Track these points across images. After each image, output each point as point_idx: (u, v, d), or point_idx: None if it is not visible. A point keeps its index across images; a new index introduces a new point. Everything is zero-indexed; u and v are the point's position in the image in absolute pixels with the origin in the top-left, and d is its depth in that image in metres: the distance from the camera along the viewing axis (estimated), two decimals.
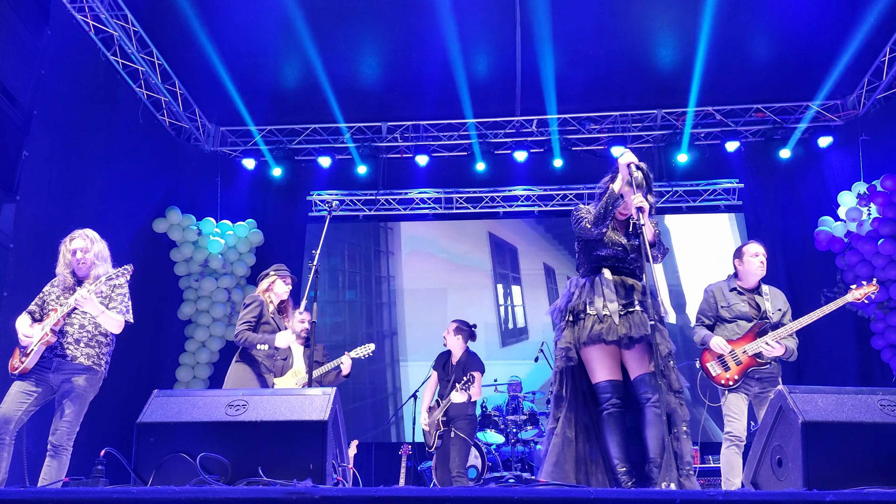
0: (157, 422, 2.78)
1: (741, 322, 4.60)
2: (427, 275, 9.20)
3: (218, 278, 8.28)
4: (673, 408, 3.39)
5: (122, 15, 6.86)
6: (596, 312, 3.53)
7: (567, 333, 3.61)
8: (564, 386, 3.61)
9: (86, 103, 6.61)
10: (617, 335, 3.46)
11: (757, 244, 4.77)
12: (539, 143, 8.78)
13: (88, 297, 4.15)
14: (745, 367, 4.49)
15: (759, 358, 4.47)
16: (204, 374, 8.20)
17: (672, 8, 6.90)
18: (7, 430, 4.03)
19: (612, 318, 3.49)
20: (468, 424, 5.78)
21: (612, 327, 3.48)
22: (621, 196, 3.61)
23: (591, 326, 3.51)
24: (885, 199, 6.98)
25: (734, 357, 4.50)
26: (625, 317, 3.50)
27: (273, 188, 9.04)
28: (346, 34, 7.24)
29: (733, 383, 4.49)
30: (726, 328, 4.64)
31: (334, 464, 2.80)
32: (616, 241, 3.69)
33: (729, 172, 8.80)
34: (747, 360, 4.49)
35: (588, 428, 3.58)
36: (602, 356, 3.54)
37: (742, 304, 4.63)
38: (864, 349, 7.46)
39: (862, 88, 7.79)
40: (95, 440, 4.38)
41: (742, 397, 4.53)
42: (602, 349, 3.53)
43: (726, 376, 4.52)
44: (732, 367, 4.51)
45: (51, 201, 6.03)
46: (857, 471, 2.55)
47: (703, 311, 4.79)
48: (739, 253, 4.77)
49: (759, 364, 4.48)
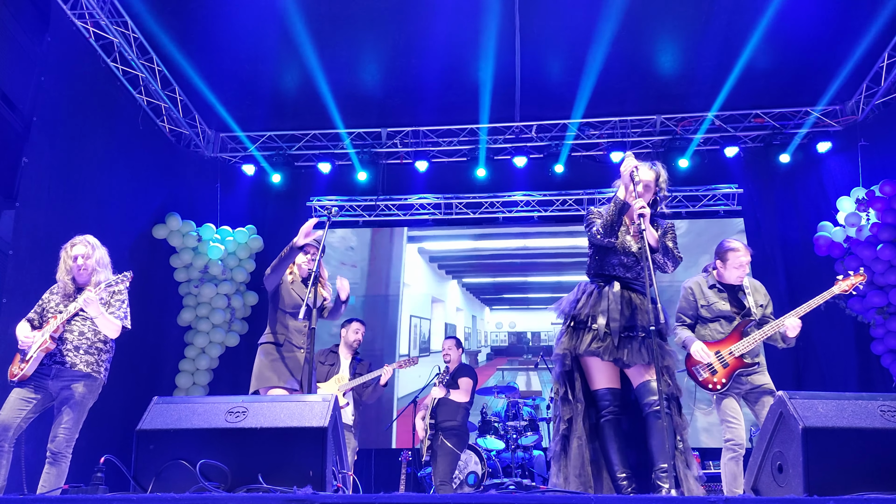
0: (157, 429, 2.78)
1: (723, 321, 4.45)
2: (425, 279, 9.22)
3: (218, 284, 8.27)
4: (677, 423, 3.39)
5: (122, 21, 6.87)
6: (597, 329, 3.50)
7: (566, 340, 3.60)
8: (570, 387, 3.57)
9: (86, 110, 6.62)
10: (614, 357, 3.45)
11: (745, 249, 4.51)
12: (539, 149, 8.80)
13: (94, 300, 4.16)
14: (733, 370, 4.33)
15: (745, 358, 4.34)
16: (204, 381, 8.19)
17: (671, 14, 6.92)
18: (6, 437, 4.02)
19: (611, 339, 3.46)
20: (455, 433, 5.82)
21: (609, 348, 3.46)
22: (626, 204, 3.57)
23: (590, 342, 3.49)
24: (883, 205, 6.98)
25: (720, 360, 4.35)
26: (626, 340, 3.47)
27: (273, 194, 9.05)
28: (345, 40, 7.26)
29: (721, 387, 4.33)
30: (708, 328, 4.48)
31: (334, 470, 2.80)
32: (629, 250, 3.63)
33: (728, 178, 8.80)
34: (734, 362, 4.33)
35: (593, 428, 3.55)
36: (600, 366, 3.54)
37: (723, 302, 4.47)
38: (863, 354, 7.46)
39: (861, 94, 7.81)
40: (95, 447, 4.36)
41: (733, 398, 4.38)
42: (599, 360, 3.52)
43: (713, 380, 4.36)
44: (719, 370, 4.35)
45: (50, 208, 6.02)
46: (857, 477, 2.54)
47: (683, 309, 4.61)
48: (723, 254, 4.52)
49: (747, 365, 4.34)
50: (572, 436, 3.49)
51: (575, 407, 3.54)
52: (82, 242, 4.39)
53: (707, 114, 8.32)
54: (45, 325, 4.24)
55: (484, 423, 7.03)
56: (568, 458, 3.45)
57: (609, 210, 3.59)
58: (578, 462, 3.42)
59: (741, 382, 4.39)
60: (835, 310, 7.61)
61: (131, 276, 4.35)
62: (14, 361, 4.21)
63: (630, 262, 3.64)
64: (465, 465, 6.36)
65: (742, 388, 4.41)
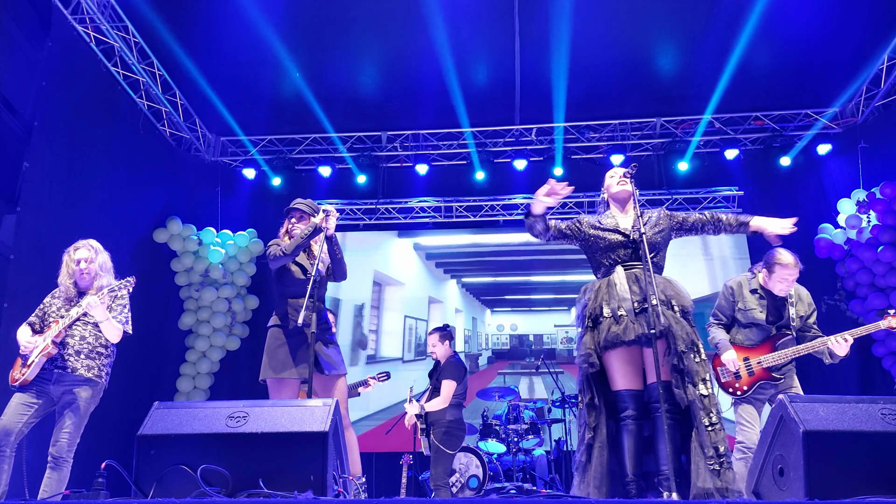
0: (158, 434, 2.78)
1: (755, 329, 4.38)
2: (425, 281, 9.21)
3: (218, 288, 8.28)
4: (691, 400, 3.29)
5: (122, 26, 6.88)
6: (611, 314, 3.47)
7: (587, 339, 3.55)
8: (595, 393, 3.51)
9: (86, 114, 6.63)
10: (635, 334, 3.39)
11: (795, 265, 4.32)
12: (538, 152, 8.80)
13: (98, 304, 4.17)
14: (757, 379, 4.29)
15: (772, 371, 4.29)
16: (205, 385, 8.19)
17: (671, 16, 6.94)
18: (8, 441, 4.03)
19: (627, 318, 3.43)
20: (445, 434, 5.77)
21: (628, 327, 3.41)
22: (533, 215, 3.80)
23: (608, 329, 3.45)
24: (884, 207, 6.98)
25: (748, 367, 4.31)
26: (641, 314, 3.42)
27: (273, 198, 9.05)
28: (345, 44, 7.27)
29: (741, 393, 4.31)
30: (741, 332, 4.42)
31: (335, 475, 2.80)
32: (615, 240, 3.63)
33: (728, 180, 8.80)
34: (760, 373, 4.29)
35: (612, 437, 3.49)
36: (621, 363, 3.47)
37: (760, 311, 4.38)
38: (864, 357, 7.45)
39: (860, 96, 7.81)
40: (96, 452, 4.37)
41: (751, 405, 4.35)
42: (622, 354, 3.46)
43: (735, 385, 4.34)
44: (744, 377, 4.32)
45: (51, 212, 6.03)
46: (858, 480, 2.54)
47: (721, 308, 4.53)
48: (771, 266, 4.36)
49: (773, 379, 4.28)
50: (595, 443, 3.42)
51: (600, 413, 3.48)
52: (85, 247, 4.40)
53: (707, 116, 8.33)
54: (46, 329, 4.25)
55: (485, 427, 7.03)
56: (590, 467, 3.38)
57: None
58: (598, 473, 3.35)
59: (765, 389, 4.34)
60: (836, 312, 7.62)
61: (134, 282, 4.35)
62: (15, 366, 4.22)
63: (625, 249, 3.63)
64: (467, 468, 6.35)
65: (766, 394, 4.36)
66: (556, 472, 6.90)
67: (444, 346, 6.05)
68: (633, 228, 3.59)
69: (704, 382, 3.35)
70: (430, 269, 9.35)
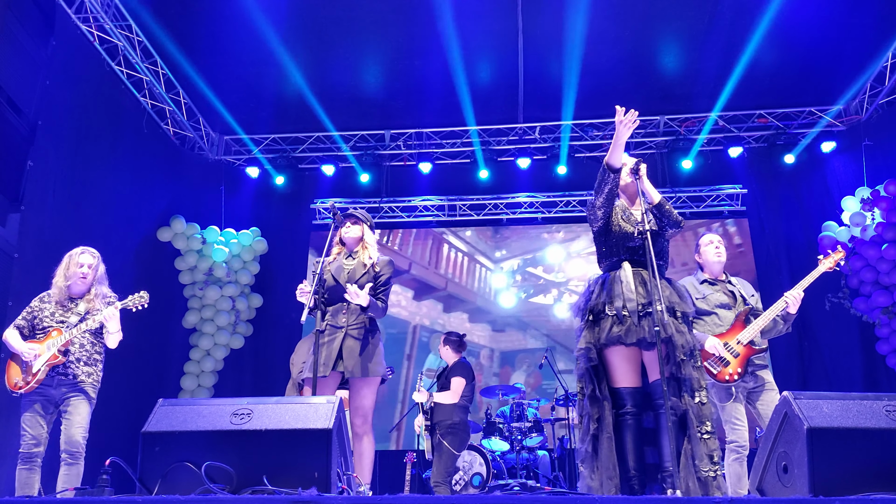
0: (162, 431, 2.78)
1: (721, 311, 4.45)
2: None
3: (222, 287, 8.29)
4: (685, 409, 3.29)
5: (126, 25, 6.89)
6: (615, 313, 3.43)
7: (587, 334, 3.53)
8: (597, 384, 3.47)
9: (90, 113, 6.64)
10: (636, 337, 3.37)
11: (710, 234, 4.68)
12: (542, 150, 8.80)
13: (115, 315, 4.28)
14: (745, 358, 4.33)
15: (754, 345, 4.33)
16: (208, 383, 8.20)
17: (674, 14, 6.92)
18: (39, 453, 4.13)
19: (631, 319, 3.39)
20: (451, 433, 5.75)
21: (631, 329, 3.38)
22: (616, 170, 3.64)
23: (610, 328, 3.42)
24: (888, 204, 6.96)
25: (730, 350, 4.34)
26: (645, 317, 3.39)
27: (277, 196, 9.07)
28: (348, 43, 7.28)
29: (738, 377, 4.31)
30: (707, 322, 4.47)
31: (339, 472, 2.80)
32: (630, 233, 3.59)
33: (732, 178, 8.79)
34: (745, 350, 4.33)
35: (615, 428, 3.46)
36: (621, 361, 3.46)
37: (718, 293, 4.50)
38: (868, 354, 7.44)
39: (864, 94, 7.80)
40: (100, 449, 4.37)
41: (740, 403, 4.37)
42: (622, 352, 3.44)
43: (728, 372, 4.33)
44: (732, 361, 4.33)
45: (55, 211, 6.04)
46: (862, 477, 2.54)
47: None
48: (698, 248, 4.67)
49: (758, 350, 4.35)
50: (602, 435, 3.38)
51: (603, 405, 3.44)
52: (90, 252, 4.44)
53: (711, 114, 8.32)
54: (41, 335, 4.24)
55: (489, 425, 7.03)
56: (599, 458, 3.35)
57: (599, 175, 3.63)
58: (610, 463, 3.32)
59: (746, 379, 4.37)
60: (840, 310, 7.61)
61: (147, 298, 4.42)
62: (10, 370, 4.22)
63: (635, 244, 3.59)
64: (470, 466, 6.35)
65: (748, 385, 4.40)
66: (559, 470, 6.90)
67: (455, 354, 6.06)
68: (642, 221, 3.58)
69: (700, 391, 3.36)
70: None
